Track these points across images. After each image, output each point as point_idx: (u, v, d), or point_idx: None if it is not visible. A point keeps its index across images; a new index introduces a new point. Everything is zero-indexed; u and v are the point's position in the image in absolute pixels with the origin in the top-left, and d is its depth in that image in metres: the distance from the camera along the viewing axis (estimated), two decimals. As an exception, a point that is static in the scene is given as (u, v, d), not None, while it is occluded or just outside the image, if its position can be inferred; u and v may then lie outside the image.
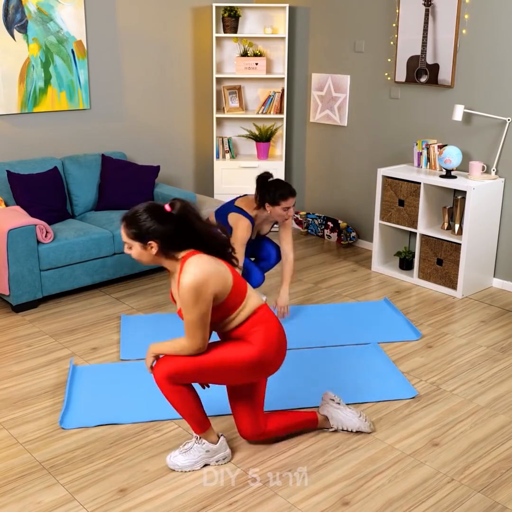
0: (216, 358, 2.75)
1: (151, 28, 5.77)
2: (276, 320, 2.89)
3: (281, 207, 4.10)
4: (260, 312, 2.84)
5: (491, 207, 4.85)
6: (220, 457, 2.96)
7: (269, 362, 2.81)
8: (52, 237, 4.57)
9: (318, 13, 5.89)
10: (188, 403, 2.82)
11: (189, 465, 2.91)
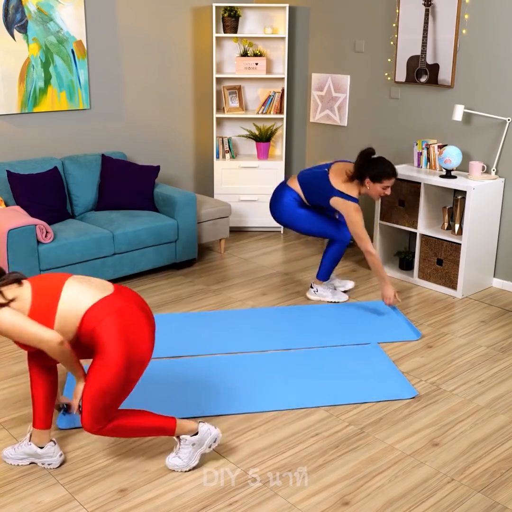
0: (97, 388, 2.60)
1: (151, 28, 5.77)
2: (119, 306, 2.64)
3: (382, 185, 4.19)
4: (91, 313, 2.62)
5: (491, 207, 4.85)
6: (210, 442, 2.90)
7: (137, 352, 2.64)
8: (52, 237, 4.57)
9: (318, 13, 5.89)
10: (139, 423, 2.72)
11: (186, 464, 2.91)
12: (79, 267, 4.72)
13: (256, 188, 6.12)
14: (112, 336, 2.59)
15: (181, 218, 5.20)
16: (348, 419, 3.33)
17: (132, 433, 2.75)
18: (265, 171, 6.11)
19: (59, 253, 4.58)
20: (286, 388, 3.56)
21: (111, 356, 2.59)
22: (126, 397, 2.69)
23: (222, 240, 5.75)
